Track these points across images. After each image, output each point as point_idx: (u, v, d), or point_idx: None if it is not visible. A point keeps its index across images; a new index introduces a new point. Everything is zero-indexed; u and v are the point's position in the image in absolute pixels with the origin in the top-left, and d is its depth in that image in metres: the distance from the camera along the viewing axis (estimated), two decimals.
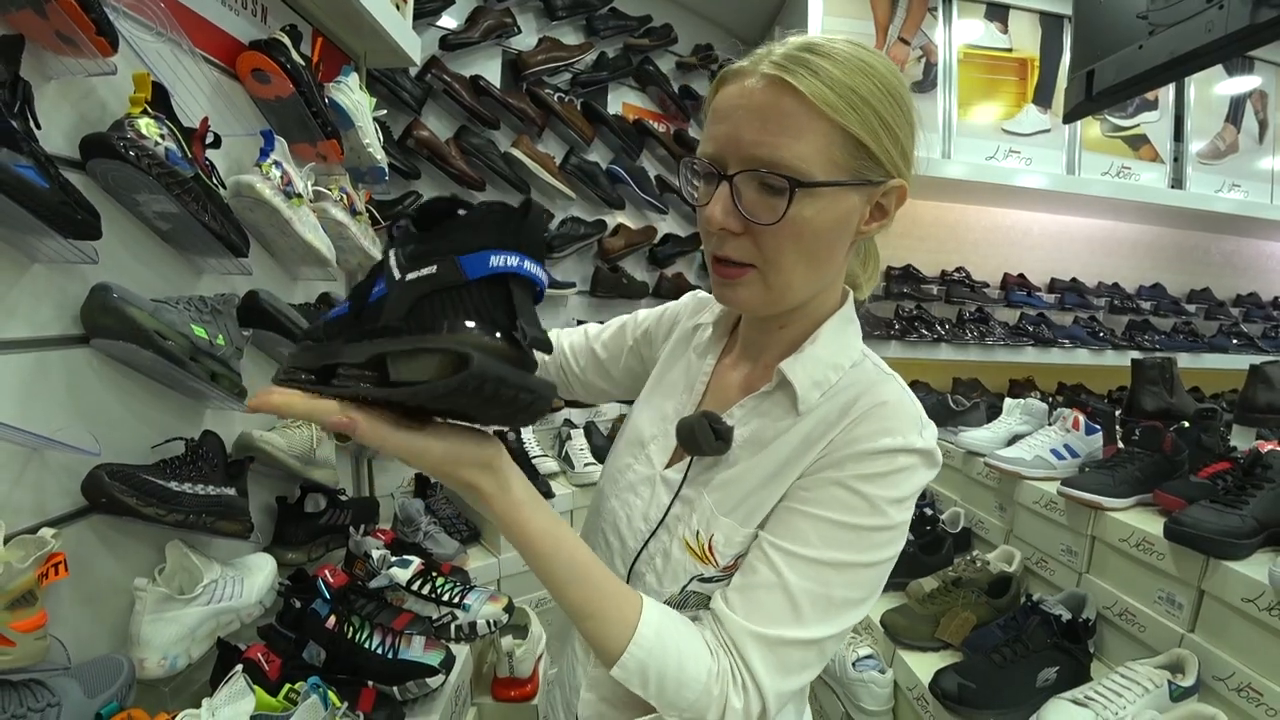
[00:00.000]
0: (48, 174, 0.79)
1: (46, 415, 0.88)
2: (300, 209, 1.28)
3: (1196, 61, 1.39)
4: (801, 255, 0.65)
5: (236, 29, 1.27)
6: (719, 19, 3.10)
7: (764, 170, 0.61)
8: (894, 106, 0.63)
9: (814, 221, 0.62)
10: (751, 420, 0.74)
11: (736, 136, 0.62)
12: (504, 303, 0.45)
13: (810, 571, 0.63)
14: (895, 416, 0.66)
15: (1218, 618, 1.16)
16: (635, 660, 0.60)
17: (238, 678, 0.90)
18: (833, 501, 0.64)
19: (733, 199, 0.63)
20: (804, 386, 0.70)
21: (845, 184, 0.62)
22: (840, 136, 0.61)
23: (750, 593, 0.64)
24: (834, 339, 0.73)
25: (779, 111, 0.60)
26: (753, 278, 0.67)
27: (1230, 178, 3.23)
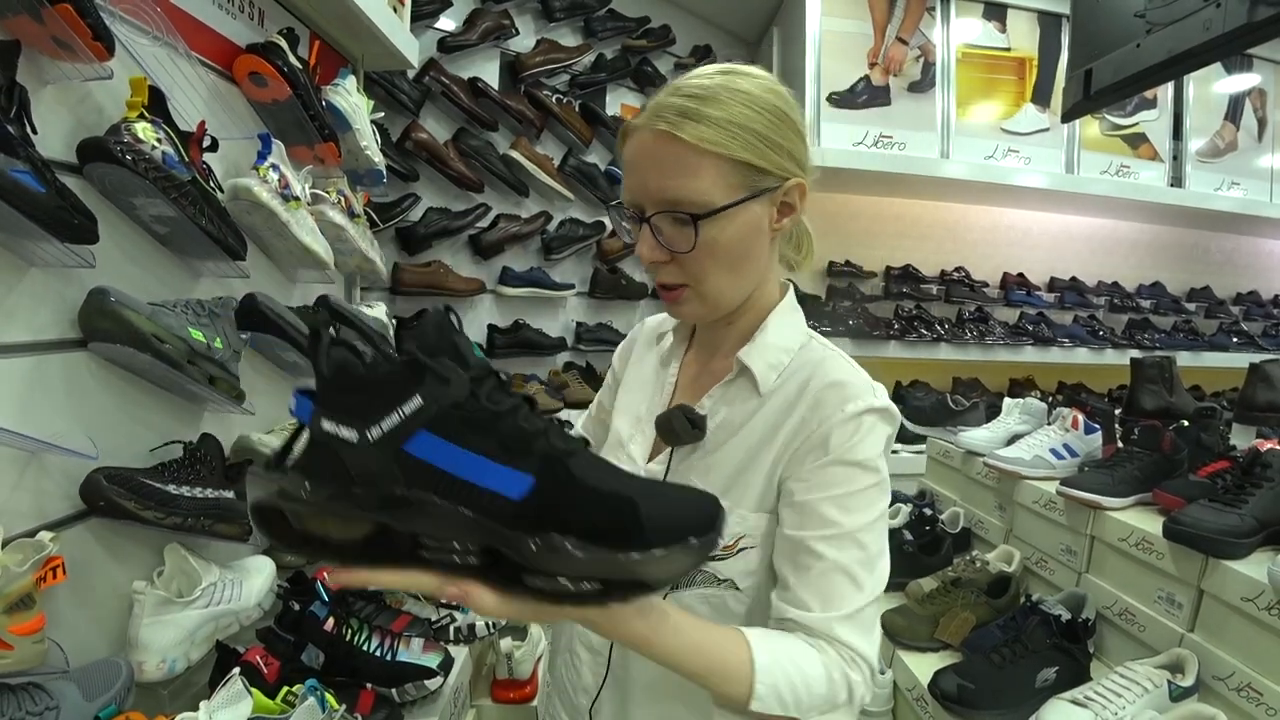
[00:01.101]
0: (44, 178, 0.80)
1: (44, 419, 0.88)
2: (298, 212, 1.28)
3: (1194, 60, 1.39)
4: (722, 269, 0.75)
5: (233, 32, 1.28)
6: (717, 20, 3.11)
7: (672, 210, 0.71)
8: (772, 120, 0.72)
9: (724, 239, 0.72)
10: (721, 407, 0.81)
11: (644, 185, 0.73)
12: None
13: (848, 543, 0.71)
14: (850, 386, 0.75)
15: (1217, 617, 1.15)
16: (768, 690, 0.64)
17: (235, 680, 0.90)
18: (836, 479, 0.72)
19: (654, 236, 0.73)
20: (762, 370, 0.79)
21: (743, 201, 0.72)
22: (728, 164, 0.70)
23: (815, 585, 0.71)
24: (781, 326, 0.83)
25: (671, 159, 0.70)
26: (689, 295, 0.77)
27: (1229, 176, 3.23)
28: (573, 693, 0.88)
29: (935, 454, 2.11)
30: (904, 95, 2.84)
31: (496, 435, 0.46)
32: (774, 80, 0.75)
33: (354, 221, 1.57)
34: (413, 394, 0.44)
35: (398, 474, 0.45)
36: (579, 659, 0.86)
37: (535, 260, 2.66)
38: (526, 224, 2.55)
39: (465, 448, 0.45)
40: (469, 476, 0.45)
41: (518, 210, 2.58)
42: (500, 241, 2.48)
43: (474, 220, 2.45)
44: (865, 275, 3.17)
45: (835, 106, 2.76)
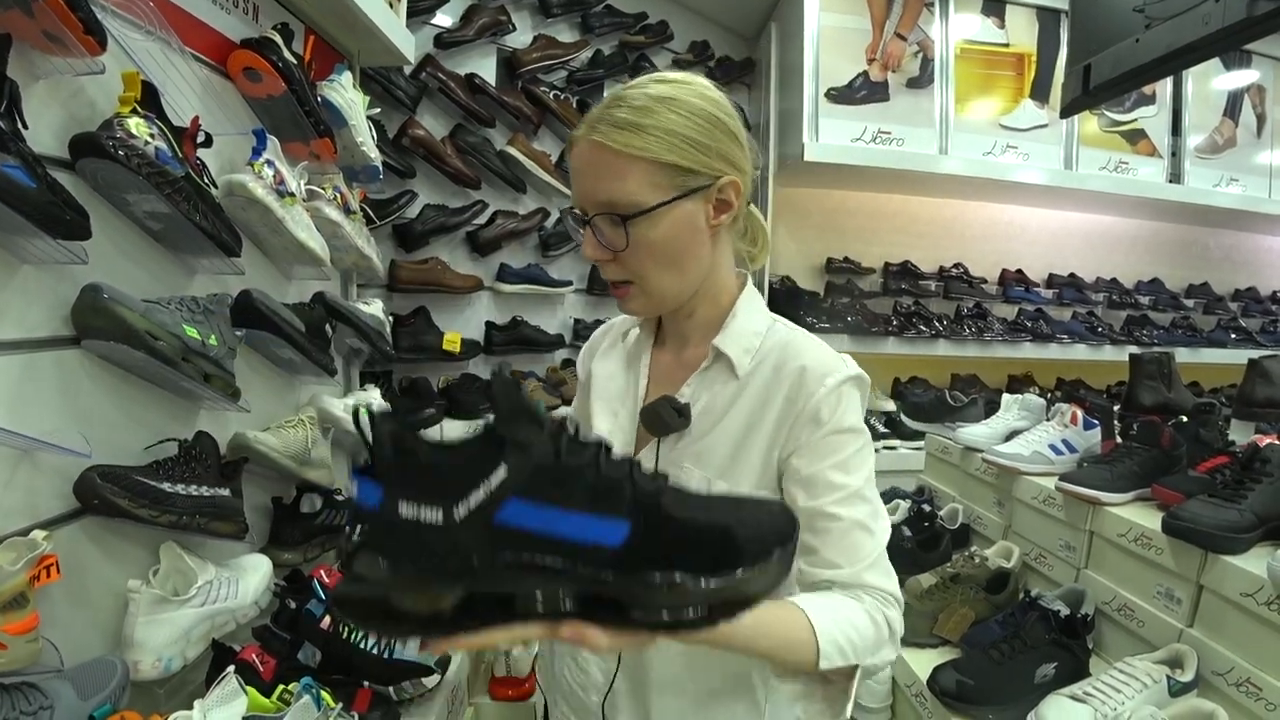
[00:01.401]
0: (35, 174, 0.79)
1: (37, 417, 0.87)
2: (293, 208, 1.28)
3: (1194, 55, 1.38)
4: (660, 265, 0.80)
5: (227, 27, 1.27)
6: (715, 15, 3.09)
7: (606, 212, 0.77)
8: (700, 124, 0.77)
9: (657, 237, 0.77)
10: (701, 394, 0.86)
11: (583, 190, 0.79)
12: None
13: (856, 500, 0.79)
14: (823, 361, 0.82)
15: (1216, 612, 1.15)
16: (831, 647, 0.71)
17: (230, 679, 0.90)
18: (834, 447, 0.79)
19: (596, 237, 0.79)
20: (737, 355, 0.84)
21: (673, 200, 0.76)
22: (654, 166, 0.75)
23: (839, 544, 0.78)
24: (748, 314, 0.88)
25: (601, 165, 0.76)
26: (635, 291, 0.82)
27: (1228, 172, 3.22)
28: (582, 693, 0.90)
29: (934, 450, 2.11)
30: (902, 91, 2.83)
31: (584, 488, 0.47)
32: (709, 87, 0.80)
33: (350, 218, 1.56)
34: (496, 465, 0.45)
35: (490, 545, 0.45)
36: (585, 660, 0.89)
37: (533, 257, 2.66)
38: (524, 220, 2.54)
39: (557, 506, 0.46)
40: (566, 534, 0.46)
41: (515, 207, 2.57)
42: (498, 238, 2.48)
43: (471, 217, 2.44)
44: (863, 271, 3.16)
45: (833, 102, 2.75)
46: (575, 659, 0.91)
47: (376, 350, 1.79)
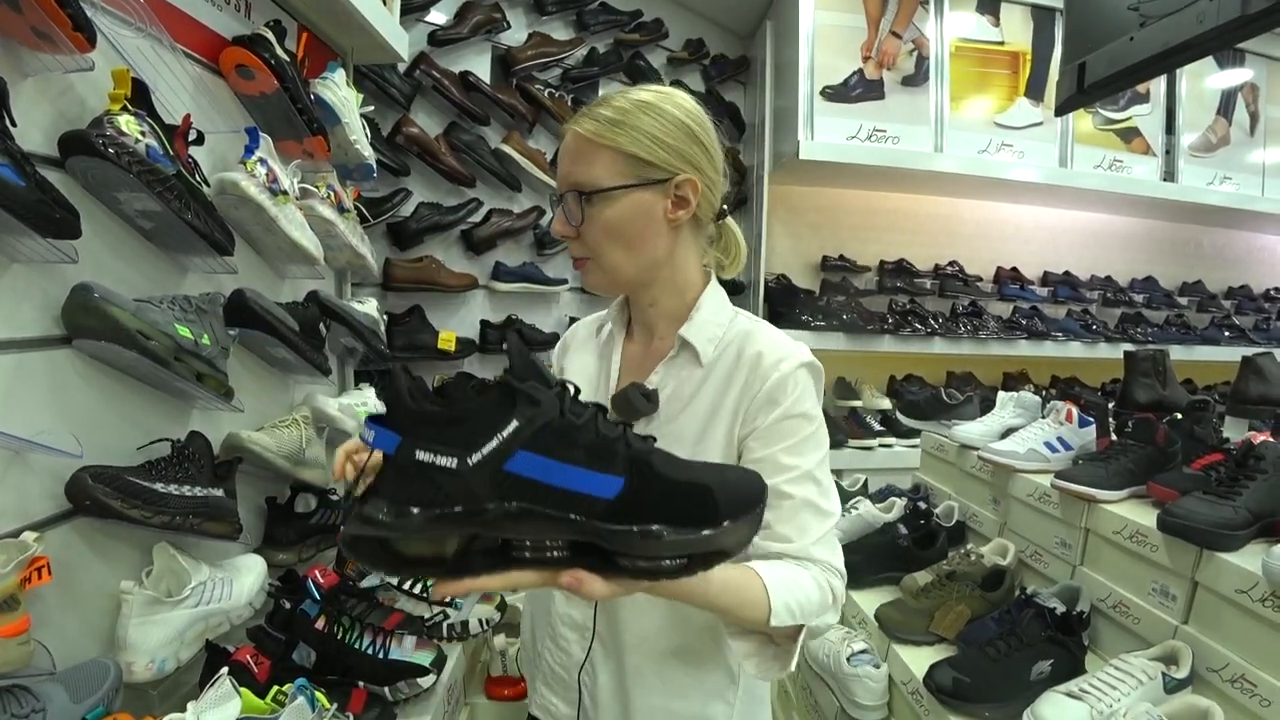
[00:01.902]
0: (24, 172, 0.78)
1: (28, 417, 0.86)
2: (286, 206, 1.27)
3: (1188, 53, 1.38)
4: (614, 244, 0.87)
5: (219, 24, 1.26)
6: (710, 13, 3.09)
7: (573, 189, 0.86)
8: (666, 125, 0.85)
9: (615, 217, 0.86)
10: (669, 381, 0.93)
11: (561, 173, 0.89)
12: None
13: (806, 481, 0.86)
14: (779, 348, 0.89)
15: (1211, 609, 1.16)
16: (781, 607, 0.77)
17: (223, 680, 0.89)
18: (786, 431, 0.86)
19: (564, 213, 0.88)
20: (701, 344, 0.92)
21: (629, 186, 0.85)
22: (619, 155, 0.84)
23: (790, 521, 0.85)
24: (712, 306, 0.95)
25: (577, 151, 0.86)
26: (591, 266, 0.90)
27: (1222, 170, 3.23)
28: (564, 671, 0.98)
29: (929, 448, 2.11)
30: (897, 89, 2.84)
31: (584, 445, 0.52)
32: (689, 100, 0.90)
33: (344, 216, 1.55)
34: (510, 419, 0.49)
35: (498, 491, 0.49)
36: (565, 640, 0.96)
37: (528, 255, 2.65)
38: (519, 219, 2.54)
39: (560, 460, 0.50)
40: (566, 485, 0.50)
41: (510, 205, 2.57)
42: (492, 236, 2.47)
43: (466, 215, 2.43)
44: (859, 270, 3.17)
45: (828, 100, 2.75)
46: (555, 641, 0.97)
47: (371, 349, 1.79)
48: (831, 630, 0.94)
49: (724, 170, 0.94)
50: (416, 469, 0.48)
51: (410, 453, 0.48)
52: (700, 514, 0.54)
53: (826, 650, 1.52)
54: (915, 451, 2.29)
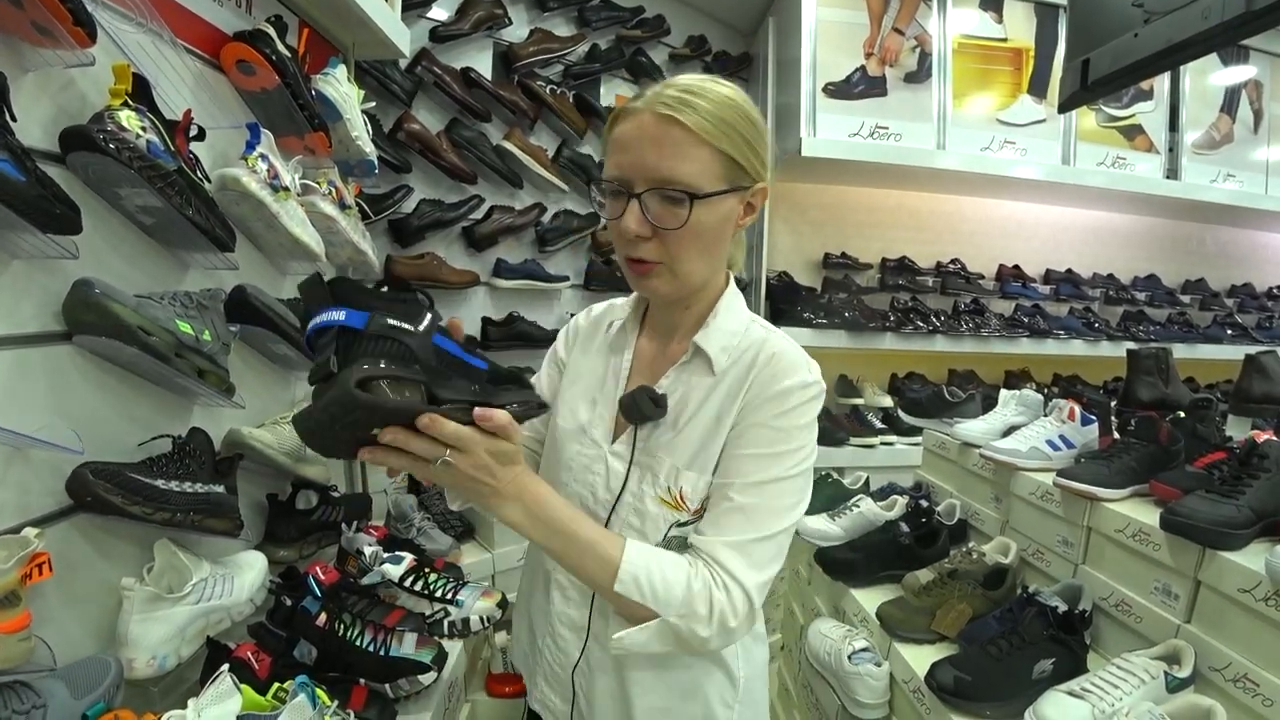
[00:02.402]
0: (24, 167, 0.78)
1: (29, 413, 0.86)
2: (287, 203, 1.27)
3: (1192, 50, 1.37)
4: (698, 251, 0.83)
5: (220, 20, 1.26)
6: (712, 10, 3.08)
7: (667, 187, 0.78)
8: (752, 128, 0.82)
9: (707, 224, 0.81)
10: (678, 387, 0.91)
11: (640, 162, 0.79)
12: None
13: (756, 491, 0.83)
14: (786, 363, 0.86)
15: (1214, 608, 1.15)
16: (629, 574, 0.78)
17: (224, 677, 0.89)
18: (759, 439, 0.84)
19: (642, 211, 0.80)
20: (715, 352, 0.89)
21: (726, 192, 0.81)
22: (717, 156, 0.79)
23: (715, 520, 0.84)
24: (729, 312, 0.92)
25: (671, 140, 0.78)
26: (662, 271, 0.84)
27: (1225, 168, 3.22)
28: (560, 670, 0.98)
29: (931, 446, 2.11)
30: (900, 86, 2.83)
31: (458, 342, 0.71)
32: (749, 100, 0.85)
33: (345, 213, 1.55)
34: (425, 311, 0.65)
35: (435, 355, 0.65)
36: (564, 639, 0.96)
37: (529, 252, 2.65)
38: (520, 216, 2.53)
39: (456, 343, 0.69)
40: (464, 358, 0.69)
41: (511, 202, 2.56)
42: (494, 233, 2.47)
43: (467, 212, 2.43)
44: (860, 267, 3.16)
45: (831, 97, 2.74)
46: (555, 640, 0.97)
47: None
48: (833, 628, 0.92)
49: None
50: (388, 330, 0.61)
51: (383, 320, 0.61)
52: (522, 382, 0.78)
53: (828, 648, 1.52)
54: (917, 449, 2.28)
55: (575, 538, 0.79)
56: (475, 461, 0.70)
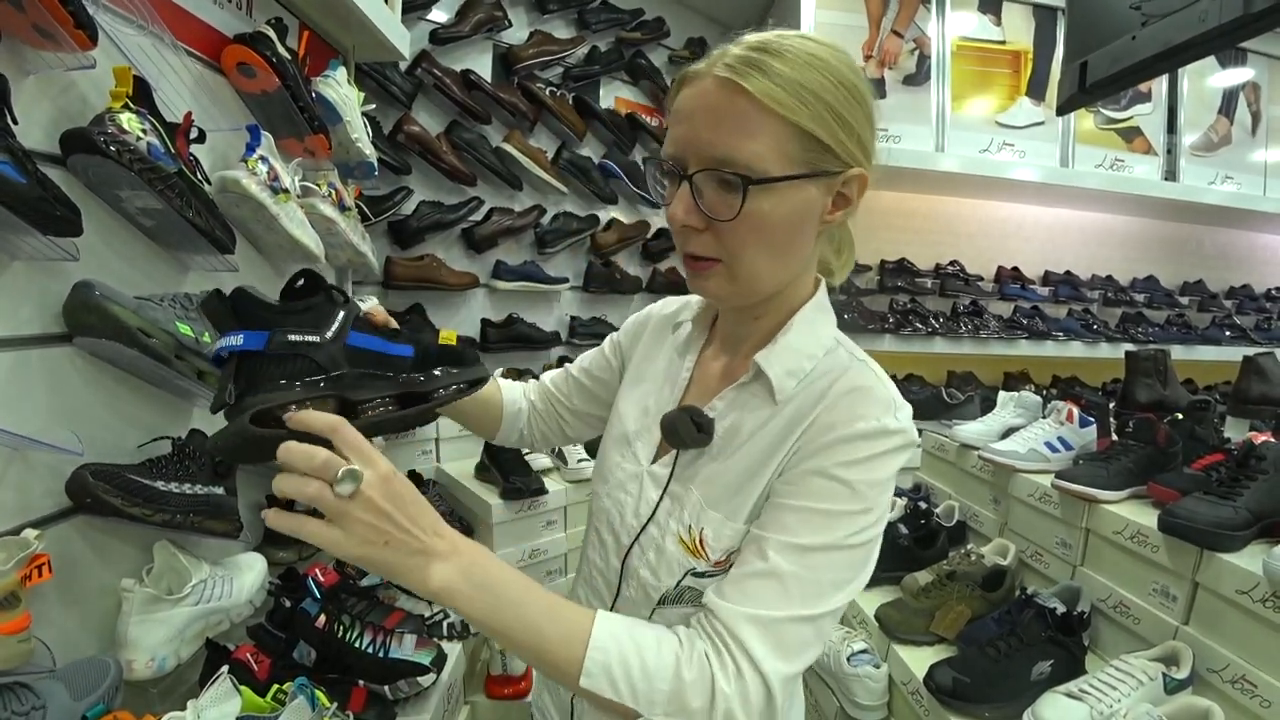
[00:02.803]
0: (25, 169, 0.78)
1: (28, 415, 0.86)
2: (287, 205, 1.27)
3: (1190, 53, 1.38)
4: (763, 248, 0.68)
5: (221, 22, 1.26)
6: (711, 12, 3.09)
7: (720, 169, 0.64)
8: (847, 98, 0.65)
9: (772, 215, 0.66)
10: (731, 412, 0.76)
11: (694, 137, 0.66)
12: None
13: (799, 558, 0.65)
14: (867, 401, 0.69)
15: (1212, 610, 1.16)
16: (598, 664, 0.61)
17: (223, 679, 0.89)
18: (815, 491, 0.66)
19: (693, 197, 0.66)
20: (779, 376, 0.73)
21: (800, 177, 0.65)
22: (792, 131, 0.63)
23: (742, 581, 0.66)
24: (807, 328, 0.76)
25: (732, 112, 0.63)
26: (720, 270, 0.70)
27: (1223, 170, 3.23)
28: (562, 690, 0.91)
29: (930, 447, 2.11)
30: (899, 88, 2.84)
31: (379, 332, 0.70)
32: (854, 60, 0.68)
33: (345, 214, 1.55)
34: (336, 311, 0.64)
35: (348, 359, 0.63)
36: None
37: (529, 254, 2.65)
38: (520, 217, 2.54)
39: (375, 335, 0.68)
40: (384, 351, 0.67)
41: (511, 204, 2.56)
42: (493, 235, 2.47)
43: (467, 214, 2.43)
44: (859, 269, 3.16)
45: None
46: None
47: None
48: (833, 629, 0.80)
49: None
50: (290, 348, 0.59)
51: (284, 337, 0.59)
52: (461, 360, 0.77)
53: (827, 650, 1.52)
54: (916, 451, 2.29)
55: (527, 612, 0.62)
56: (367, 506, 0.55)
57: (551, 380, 1.09)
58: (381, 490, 0.56)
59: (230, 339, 0.58)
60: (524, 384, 1.12)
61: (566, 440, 1.11)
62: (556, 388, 1.08)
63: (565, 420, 1.08)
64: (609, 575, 0.84)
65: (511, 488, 1.90)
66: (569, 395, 1.07)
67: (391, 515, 0.57)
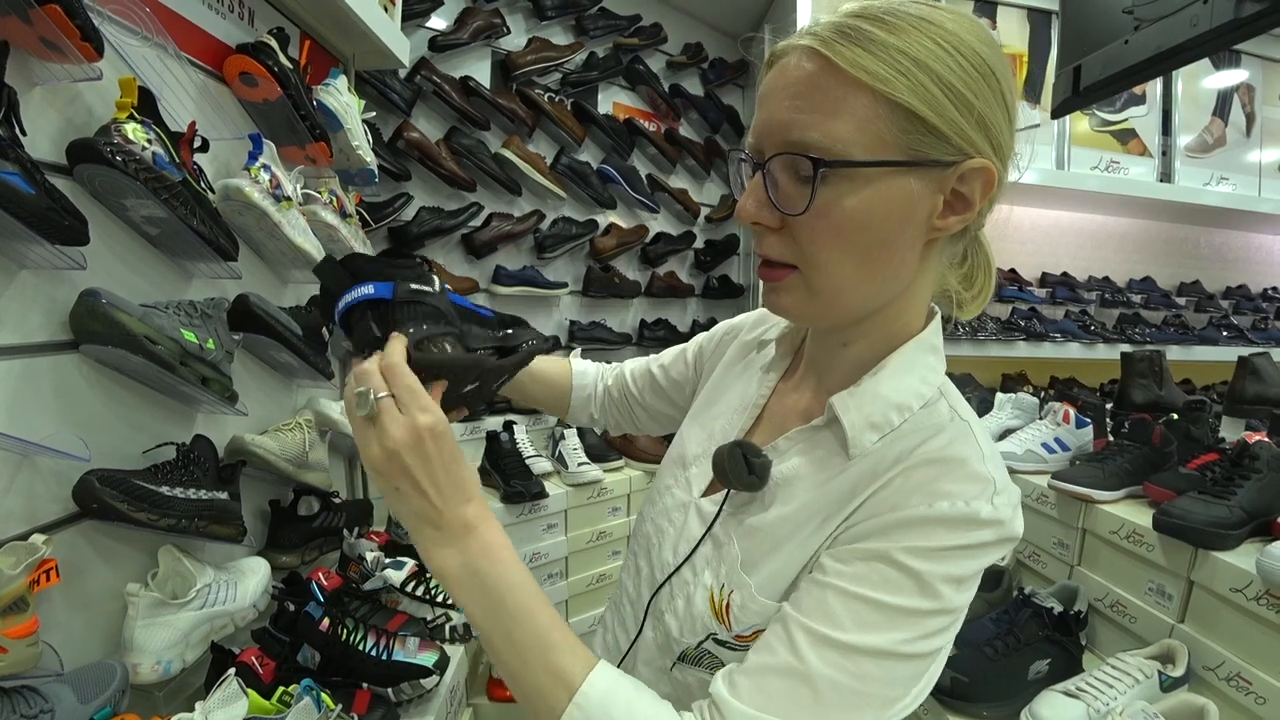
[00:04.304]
0: (33, 180, 0.79)
1: (36, 421, 0.87)
2: (289, 212, 1.28)
3: (1183, 56, 1.39)
4: (847, 252, 0.55)
5: (223, 32, 1.27)
6: (708, 18, 3.11)
7: (793, 152, 0.53)
8: (967, 69, 0.52)
9: (857, 210, 0.53)
10: (795, 457, 0.64)
11: (771, 120, 0.55)
12: None
13: (840, 660, 0.51)
14: (956, 476, 0.55)
15: (1207, 608, 1.17)
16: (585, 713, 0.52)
17: (230, 681, 0.90)
18: (873, 577, 0.53)
19: (765, 187, 0.56)
20: (856, 427, 0.60)
21: (893, 164, 0.52)
22: (887, 109, 0.51)
23: (762, 677, 0.53)
24: (904, 372, 0.62)
25: (812, 86, 0.52)
26: (795, 280, 0.58)
27: (1218, 171, 3.25)
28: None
29: None
30: None
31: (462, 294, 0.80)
32: (987, 30, 0.55)
33: (346, 221, 1.57)
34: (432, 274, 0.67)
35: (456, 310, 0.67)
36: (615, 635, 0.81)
37: (528, 259, 2.66)
38: (519, 223, 2.55)
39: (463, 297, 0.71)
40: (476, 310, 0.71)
41: (510, 209, 2.58)
42: (493, 240, 2.48)
43: (466, 219, 2.44)
44: None
45: None
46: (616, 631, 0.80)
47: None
48: None
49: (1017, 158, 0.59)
50: (414, 295, 0.63)
51: (408, 286, 0.62)
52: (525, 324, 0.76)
53: None
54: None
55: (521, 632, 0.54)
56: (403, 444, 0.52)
57: (630, 370, 1.05)
58: (407, 440, 0.52)
59: (361, 289, 0.61)
60: (602, 366, 1.09)
61: (638, 430, 1.06)
62: (633, 379, 1.04)
63: (636, 413, 1.05)
64: (637, 609, 0.76)
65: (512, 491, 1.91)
66: (643, 390, 1.03)
67: (409, 470, 0.53)
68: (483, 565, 0.55)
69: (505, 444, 2.13)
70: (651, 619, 0.73)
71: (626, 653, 0.77)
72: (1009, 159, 0.58)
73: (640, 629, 0.75)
